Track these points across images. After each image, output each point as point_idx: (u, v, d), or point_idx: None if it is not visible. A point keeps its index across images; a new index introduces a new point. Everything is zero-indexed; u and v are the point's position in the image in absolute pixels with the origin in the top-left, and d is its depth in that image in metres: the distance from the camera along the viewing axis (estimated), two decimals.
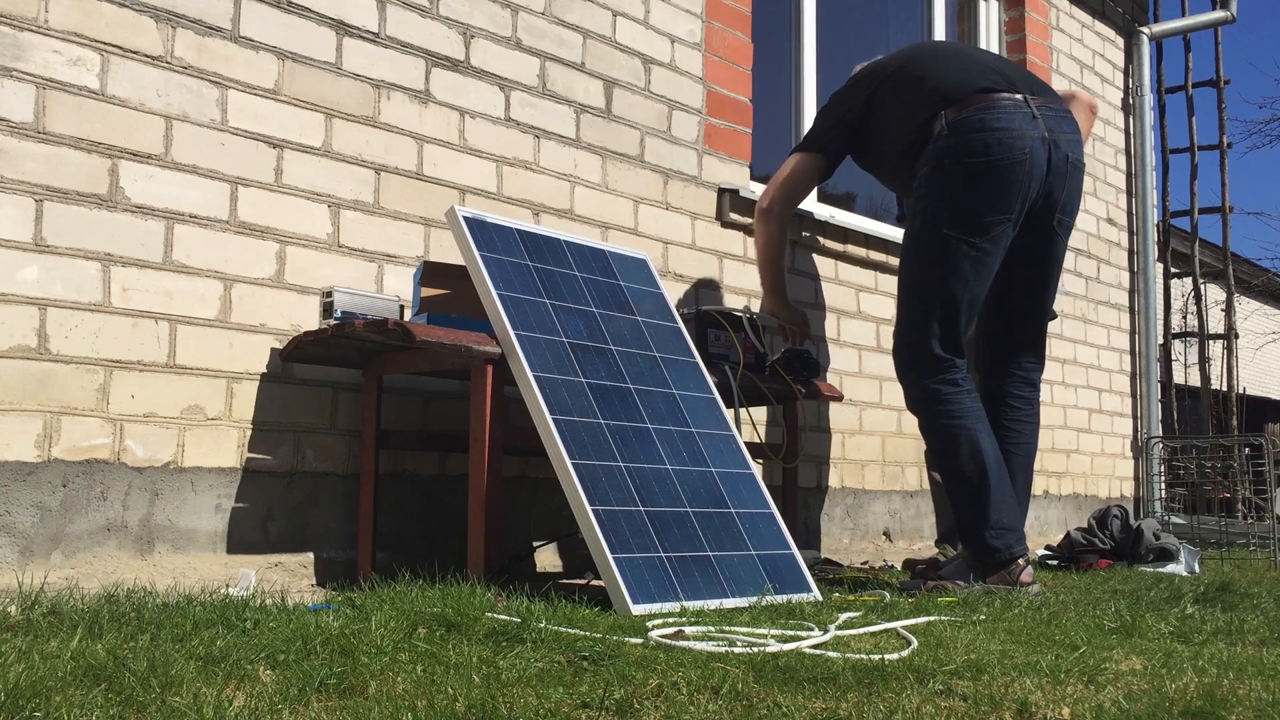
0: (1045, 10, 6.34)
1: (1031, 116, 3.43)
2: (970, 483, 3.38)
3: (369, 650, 1.87)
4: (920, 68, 3.64)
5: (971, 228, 3.39)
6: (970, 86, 3.48)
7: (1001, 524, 3.37)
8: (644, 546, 2.78)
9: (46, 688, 1.53)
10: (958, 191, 3.40)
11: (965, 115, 3.42)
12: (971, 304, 3.46)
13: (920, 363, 3.47)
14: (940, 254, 3.41)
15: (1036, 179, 3.42)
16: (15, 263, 2.69)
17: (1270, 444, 5.72)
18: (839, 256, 4.87)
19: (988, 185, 3.39)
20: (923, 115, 3.51)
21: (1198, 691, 1.77)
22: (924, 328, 3.44)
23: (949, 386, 3.43)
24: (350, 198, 3.31)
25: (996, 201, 3.39)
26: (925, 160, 3.47)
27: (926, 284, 3.45)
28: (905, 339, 3.53)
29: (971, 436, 3.39)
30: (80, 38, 2.82)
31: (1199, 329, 8.54)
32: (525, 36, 3.80)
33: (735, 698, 1.66)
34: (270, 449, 3.10)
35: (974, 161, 3.38)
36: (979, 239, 3.39)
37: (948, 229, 3.39)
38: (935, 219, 3.42)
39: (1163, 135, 8.32)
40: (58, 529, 2.72)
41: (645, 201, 4.13)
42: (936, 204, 3.43)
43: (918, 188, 3.51)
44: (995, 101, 3.43)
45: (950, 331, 3.44)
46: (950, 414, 3.41)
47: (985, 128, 3.39)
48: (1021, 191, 3.41)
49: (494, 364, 2.96)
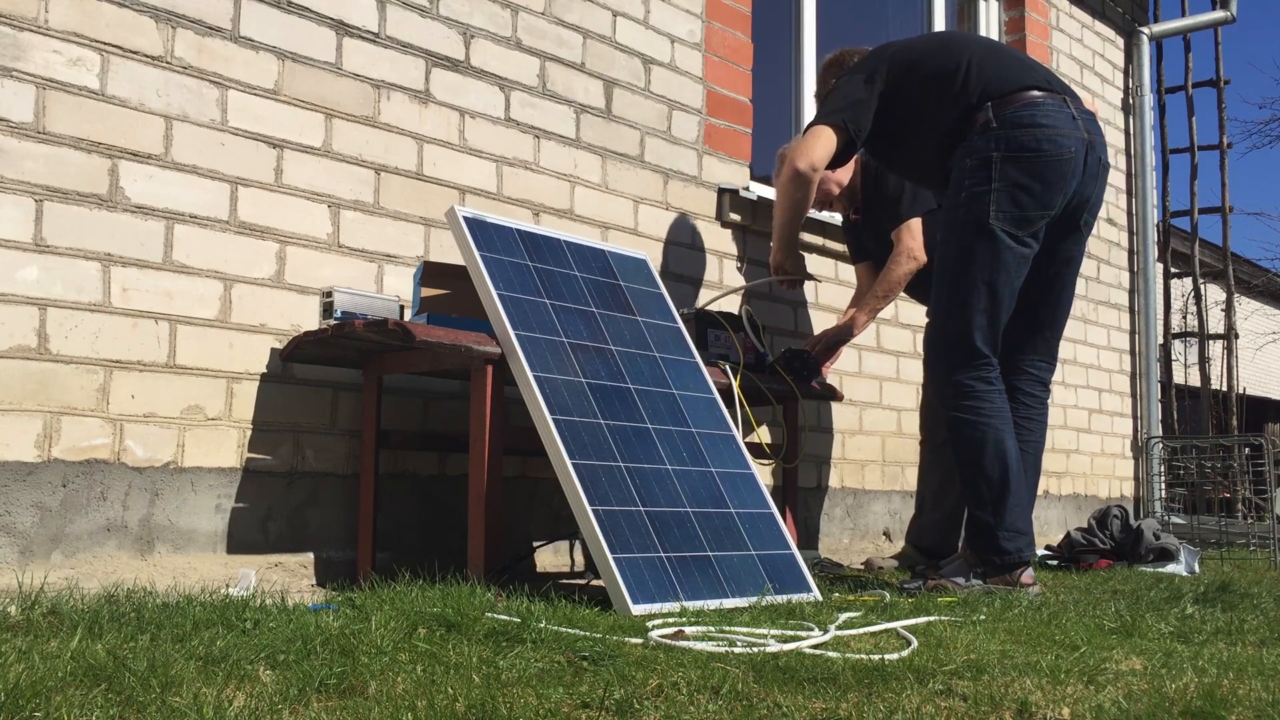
0: (1045, 10, 6.35)
1: (1073, 118, 3.44)
2: (992, 483, 3.37)
3: (369, 650, 1.87)
4: (955, 56, 3.56)
5: (1018, 221, 3.38)
6: (1015, 82, 3.46)
7: (1016, 527, 3.36)
8: (644, 546, 2.78)
9: (46, 688, 1.53)
10: (1008, 184, 3.38)
11: (1015, 110, 3.41)
12: (1011, 298, 3.44)
13: (958, 356, 3.44)
14: (986, 246, 3.39)
15: (1076, 178, 3.44)
16: (15, 263, 2.69)
17: (1270, 444, 5.72)
18: (839, 256, 4.87)
19: (1037, 180, 3.38)
20: (963, 104, 3.46)
21: (1198, 691, 1.77)
22: (967, 320, 3.41)
23: (983, 384, 3.41)
24: (350, 198, 3.31)
25: (1043, 196, 3.40)
26: (969, 151, 3.43)
27: (970, 276, 3.41)
28: (943, 330, 3.50)
29: (998, 436, 3.38)
30: (80, 38, 2.82)
31: (1199, 329, 8.54)
32: (525, 36, 3.80)
33: (735, 698, 1.66)
34: (270, 449, 3.10)
35: (1026, 156, 3.38)
36: (1023, 232, 3.40)
37: (994, 220, 3.38)
38: (982, 210, 3.39)
39: (1163, 135, 8.33)
40: (58, 529, 2.72)
41: (645, 201, 4.13)
42: (984, 195, 3.40)
43: (961, 178, 3.45)
44: (1042, 100, 3.43)
45: (993, 325, 3.42)
46: (980, 411, 3.40)
47: (1035, 123, 3.39)
48: (1065, 190, 3.42)
49: (494, 364, 2.96)
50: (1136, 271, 6.94)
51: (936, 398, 3.55)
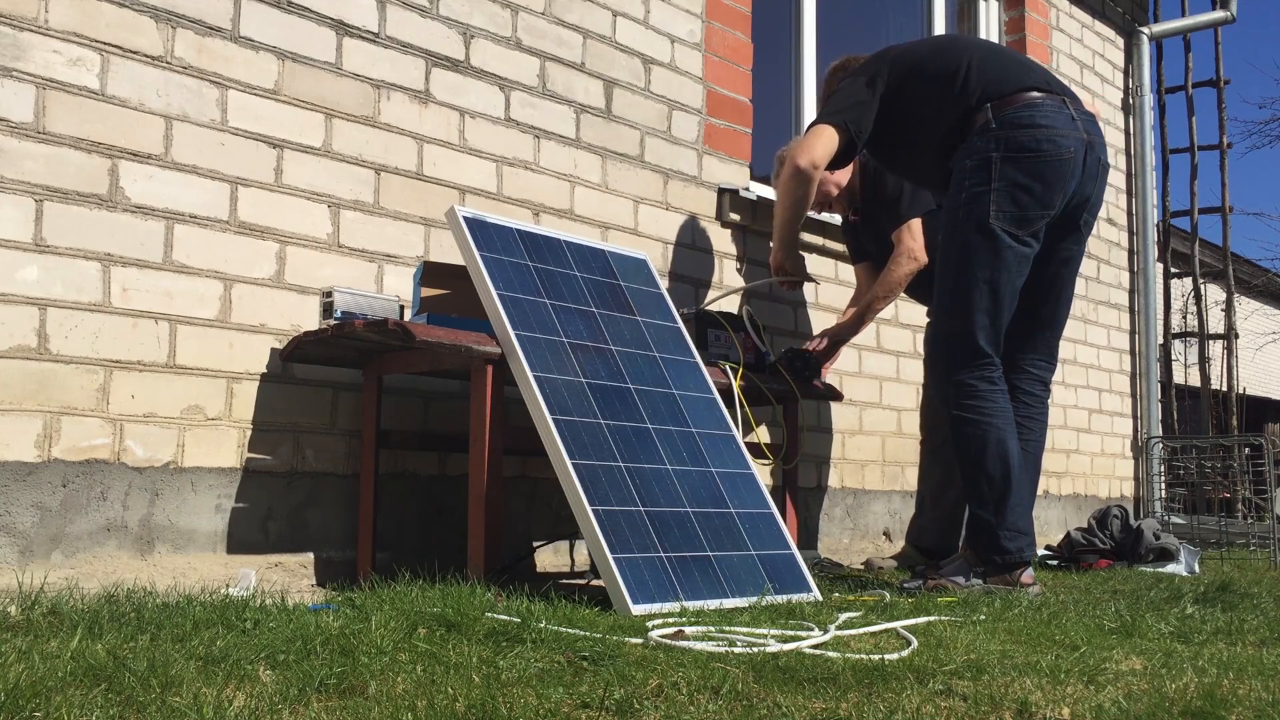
0: (1045, 10, 6.35)
1: (1071, 118, 3.46)
2: (994, 483, 3.38)
3: (369, 650, 1.87)
4: (954, 59, 3.58)
5: (1018, 221, 3.40)
6: (1014, 83, 3.47)
7: (1017, 527, 3.37)
8: (644, 546, 2.78)
9: (46, 688, 1.53)
10: (1007, 184, 3.39)
11: (1014, 111, 3.42)
12: (1012, 298, 3.45)
13: (960, 355, 3.44)
14: (986, 245, 3.40)
15: (1076, 178, 3.45)
16: (15, 263, 2.69)
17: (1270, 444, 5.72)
18: (839, 256, 4.87)
19: (1037, 180, 3.39)
20: (963, 106, 3.48)
21: (1198, 691, 1.77)
22: (969, 318, 3.42)
23: (985, 383, 3.42)
24: (350, 198, 3.31)
25: (1043, 196, 3.41)
26: (970, 152, 3.44)
27: (972, 275, 3.42)
28: (946, 330, 3.51)
29: (1000, 436, 3.39)
30: (80, 38, 2.82)
31: (1199, 329, 8.54)
32: (525, 36, 3.80)
33: (735, 698, 1.66)
34: (270, 449, 3.10)
35: (1026, 156, 3.39)
36: (1023, 232, 3.41)
37: (994, 220, 3.39)
38: (983, 210, 3.40)
39: (1163, 135, 8.33)
40: (58, 529, 2.72)
41: (645, 201, 4.13)
42: (984, 195, 3.41)
43: (961, 179, 3.46)
44: (1040, 101, 3.44)
45: (995, 324, 3.42)
46: (983, 410, 3.40)
47: (1034, 124, 3.41)
48: (1064, 190, 3.43)
49: (494, 364, 2.96)
50: (1136, 271, 6.94)
51: (938, 397, 3.55)
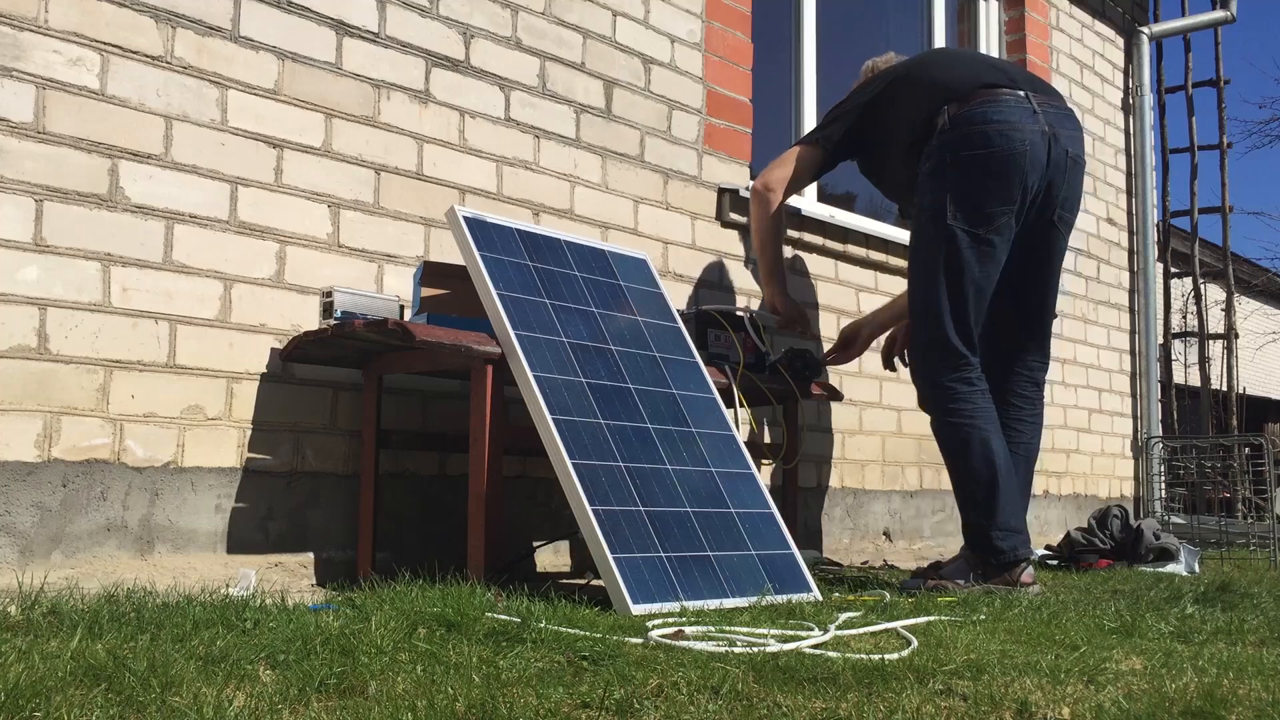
0: (1045, 10, 6.34)
1: (1032, 111, 3.47)
2: (981, 484, 3.39)
3: (369, 650, 1.87)
4: (925, 69, 3.69)
5: (975, 219, 3.41)
6: (973, 83, 3.51)
7: (1009, 526, 3.38)
8: (644, 546, 2.78)
9: (46, 688, 1.53)
10: (960, 182, 3.43)
11: (968, 110, 3.46)
12: (979, 296, 3.46)
13: (936, 359, 3.47)
14: (946, 246, 3.43)
15: (1036, 171, 3.45)
16: (15, 263, 2.69)
17: (1270, 444, 5.72)
18: (839, 256, 4.87)
19: (989, 176, 3.42)
20: (926, 112, 3.53)
21: (1198, 691, 1.77)
22: (940, 322, 3.45)
23: (964, 385, 3.44)
24: (350, 198, 3.31)
25: (999, 192, 3.42)
26: (928, 155, 3.50)
27: (936, 279, 3.46)
28: (920, 336, 3.55)
29: (984, 436, 3.40)
30: (80, 38, 2.82)
31: (1199, 329, 8.54)
32: (525, 36, 3.80)
33: (735, 698, 1.66)
34: (270, 449, 3.10)
35: (976, 153, 3.42)
36: (983, 229, 3.42)
37: (951, 220, 3.42)
38: (939, 211, 3.44)
39: (1163, 135, 8.33)
40: (58, 529, 2.72)
41: (645, 201, 4.13)
42: (940, 196, 3.45)
43: (921, 183, 3.52)
44: (996, 96, 3.47)
45: (962, 324, 3.45)
46: (962, 413, 3.42)
47: (986, 120, 3.43)
48: (1022, 183, 3.44)
49: (494, 364, 2.96)
50: (1136, 271, 6.94)
51: (921, 403, 3.57)
